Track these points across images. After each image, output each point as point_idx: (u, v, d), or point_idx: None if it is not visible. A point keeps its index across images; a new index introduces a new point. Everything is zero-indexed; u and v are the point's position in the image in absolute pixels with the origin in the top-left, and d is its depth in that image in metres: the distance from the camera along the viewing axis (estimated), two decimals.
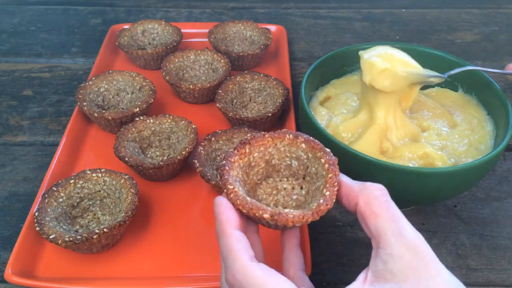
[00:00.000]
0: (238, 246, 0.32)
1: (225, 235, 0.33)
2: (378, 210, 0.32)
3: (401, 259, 0.30)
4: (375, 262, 0.31)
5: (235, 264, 0.31)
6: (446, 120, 0.55)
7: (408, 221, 0.32)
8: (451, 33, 0.88)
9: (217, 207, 0.34)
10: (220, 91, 0.65)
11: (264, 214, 0.33)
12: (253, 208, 0.33)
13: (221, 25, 0.78)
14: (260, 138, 0.38)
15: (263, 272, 0.31)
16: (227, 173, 0.36)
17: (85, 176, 0.52)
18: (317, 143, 0.37)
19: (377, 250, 0.32)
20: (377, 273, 0.31)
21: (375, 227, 0.32)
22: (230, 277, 0.32)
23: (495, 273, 0.49)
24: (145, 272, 0.48)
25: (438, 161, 0.48)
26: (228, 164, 0.36)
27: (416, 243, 0.31)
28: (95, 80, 0.65)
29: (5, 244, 0.51)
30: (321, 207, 0.33)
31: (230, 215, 0.34)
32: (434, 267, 0.30)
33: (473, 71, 0.56)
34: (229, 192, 0.34)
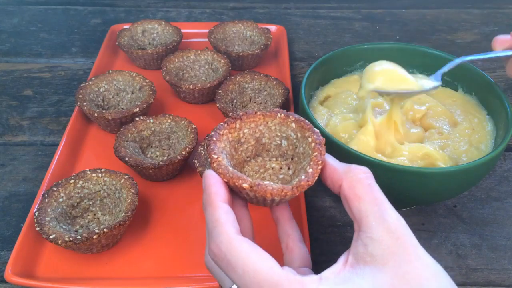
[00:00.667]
0: (225, 218, 0.32)
1: (213, 206, 0.33)
2: (361, 193, 0.32)
3: (381, 242, 0.30)
4: (356, 245, 0.31)
5: (221, 236, 0.31)
6: (447, 119, 0.55)
7: (391, 205, 0.32)
8: (451, 33, 0.88)
9: (207, 179, 0.34)
10: (220, 91, 0.65)
11: (244, 184, 0.33)
12: (233, 177, 0.33)
13: (221, 25, 0.78)
14: (251, 115, 0.38)
15: (248, 246, 0.31)
16: (213, 143, 0.36)
17: (85, 176, 0.52)
18: (307, 123, 0.37)
19: (359, 232, 0.32)
20: (357, 256, 0.31)
21: (358, 209, 0.32)
22: (214, 248, 0.31)
23: (495, 273, 0.49)
24: (145, 272, 0.48)
25: (440, 161, 0.48)
26: (216, 135, 0.36)
27: (397, 227, 0.31)
28: (95, 80, 0.65)
29: (5, 244, 0.51)
30: (302, 183, 0.33)
31: (220, 189, 0.34)
32: (413, 252, 0.30)
33: (473, 71, 0.56)
34: (212, 161, 0.34)
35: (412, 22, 0.92)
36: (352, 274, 0.30)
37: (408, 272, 0.29)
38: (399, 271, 0.29)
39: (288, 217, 0.38)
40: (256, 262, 0.30)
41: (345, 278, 0.30)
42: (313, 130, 0.36)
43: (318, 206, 0.56)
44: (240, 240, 0.31)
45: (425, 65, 0.60)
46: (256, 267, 0.30)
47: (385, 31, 0.89)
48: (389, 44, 0.61)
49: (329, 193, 0.57)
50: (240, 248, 0.31)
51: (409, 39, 0.86)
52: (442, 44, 0.85)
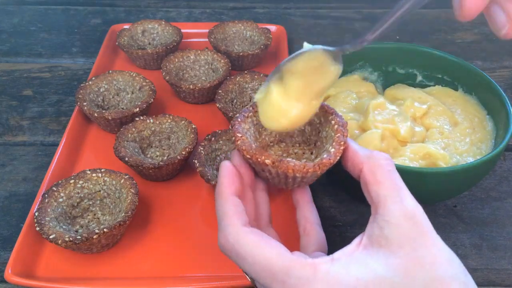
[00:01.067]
0: (233, 210, 0.33)
1: (223, 198, 0.34)
2: (382, 178, 0.32)
3: (398, 226, 0.30)
4: (371, 227, 0.32)
5: (229, 228, 0.32)
6: (448, 118, 0.55)
7: (409, 193, 0.32)
8: (451, 33, 0.88)
9: (221, 170, 0.35)
10: (220, 91, 0.65)
11: (266, 160, 0.33)
12: (256, 153, 0.34)
13: (221, 25, 0.78)
14: None
15: (255, 237, 0.31)
16: (238, 124, 0.36)
17: (85, 176, 0.52)
18: (330, 107, 0.37)
19: (375, 215, 0.32)
20: (372, 238, 0.31)
21: (376, 194, 0.32)
22: (223, 240, 0.32)
23: (495, 273, 0.49)
24: (145, 272, 0.48)
25: (441, 161, 0.48)
26: (241, 117, 0.37)
27: (415, 213, 0.31)
28: (95, 80, 0.65)
29: (5, 244, 0.51)
30: (324, 160, 0.33)
31: (232, 181, 0.34)
32: (430, 238, 0.30)
33: (473, 71, 0.56)
34: (237, 139, 0.35)
35: (412, 22, 0.92)
36: (365, 256, 0.31)
37: (424, 257, 0.29)
38: (414, 255, 0.29)
39: (308, 200, 0.38)
40: (265, 250, 0.31)
41: (358, 259, 0.31)
42: (336, 114, 0.37)
43: (318, 206, 0.56)
44: (247, 231, 0.32)
45: (425, 65, 0.60)
46: (266, 255, 0.30)
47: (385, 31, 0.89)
48: (389, 44, 0.61)
49: (329, 193, 0.57)
50: (248, 239, 0.31)
51: (409, 39, 0.86)
52: (442, 44, 0.85)
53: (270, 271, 0.30)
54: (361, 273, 0.29)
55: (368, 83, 0.61)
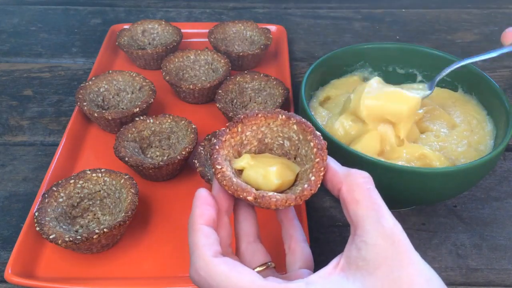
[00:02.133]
0: (203, 242, 0.32)
1: (193, 229, 0.33)
2: (360, 197, 0.32)
3: (375, 246, 0.30)
4: (349, 249, 0.31)
5: (199, 260, 0.32)
6: (445, 121, 0.55)
7: (388, 211, 0.32)
8: (451, 33, 0.88)
9: (195, 199, 0.35)
10: (220, 91, 0.65)
11: (248, 197, 0.33)
12: (237, 189, 0.34)
13: (221, 25, 0.78)
14: (253, 117, 0.38)
15: (227, 267, 0.31)
16: (216, 152, 0.36)
17: (85, 176, 0.52)
18: (308, 125, 0.37)
19: (354, 236, 0.31)
20: (349, 260, 0.31)
21: (355, 213, 0.32)
22: (194, 274, 0.32)
23: (495, 273, 0.49)
24: (145, 272, 0.48)
25: (436, 162, 0.48)
26: (218, 143, 0.37)
27: (393, 232, 0.30)
28: (95, 80, 0.65)
29: (5, 244, 0.51)
30: (305, 192, 0.33)
31: (204, 210, 0.34)
32: (408, 257, 0.30)
33: (473, 71, 0.56)
34: (216, 172, 0.35)
35: (412, 22, 0.92)
36: (342, 278, 0.30)
37: (400, 277, 0.29)
38: (391, 275, 0.29)
39: (291, 218, 0.38)
40: (237, 280, 0.30)
41: (334, 282, 0.30)
42: (315, 134, 0.36)
43: (318, 206, 0.56)
44: (218, 262, 0.31)
45: (425, 65, 0.60)
46: (238, 285, 0.30)
47: (385, 31, 0.89)
48: (389, 44, 0.61)
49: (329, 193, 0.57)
50: (219, 270, 0.31)
51: (409, 39, 0.86)
52: (442, 44, 0.85)
53: None
54: None
55: None
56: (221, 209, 0.35)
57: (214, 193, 0.36)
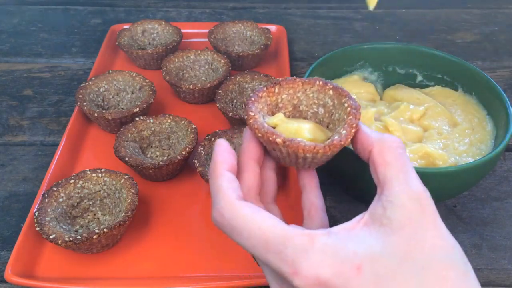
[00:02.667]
0: (227, 185, 0.32)
1: (216, 174, 0.33)
2: (390, 159, 0.32)
3: (401, 207, 0.30)
4: (374, 207, 0.31)
5: (222, 202, 0.31)
6: (446, 119, 0.55)
7: (417, 177, 0.32)
8: (451, 33, 0.88)
9: (216, 147, 0.34)
10: (220, 91, 0.65)
11: (277, 139, 0.33)
12: (268, 132, 0.34)
13: (221, 25, 0.78)
14: (290, 81, 0.38)
15: (251, 210, 0.31)
16: (251, 103, 0.36)
17: (85, 176, 0.52)
18: (344, 90, 0.37)
19: (380, 196, 0.31)
20: (374, 217, 0.30)
21: (384, 175, 0.32)
22: (217, 215, 0.32)
23: (495, 273, 0.49)
24: (145, 272, 0.48)
25: (439, 160, 0.48)
26: (254, 96, 0.37)
27: (420, 195, 0.30)
28: (95, 80, 0.65)
29: (5, 244, 0.51)
30: (334, 142, 0.33)
31: (227, 157, 0.34)
32: (433, 221, 0.30)
33: (473, 71, 0.56)
34: (249, 118, 0.35)
35: (412, 22, 0.92)
36: (364, 232, 0.30)
37: (424, 240, 0.29)
38: (414, 236, 0.29)
39: (315, 185, 0.38)
40: (260, 222, 0.30)
41: (356, 234, 0.30)
42: (350, 96, 0.37)
43: None
44: (242, 204, 0.31)
45: (425, 65, 0.60)
46: (261, 226, 0.30)
47: (385, 31, 0.89)
48: (389, 44, 0.61)
49: (329, 193, 0.57)
50: (242, 212, 0.31)
51: (409, 39, 0.86)
52: (442, 44, 0.85)
53: (266, 242, 0.29)
54: (359, 248, 0.29)
55: (368, 84, 0.61)
56: (252, 157, 0.35)
57: (245, 142, 0.36)
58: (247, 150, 0.36)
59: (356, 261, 0.28)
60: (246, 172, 0.35)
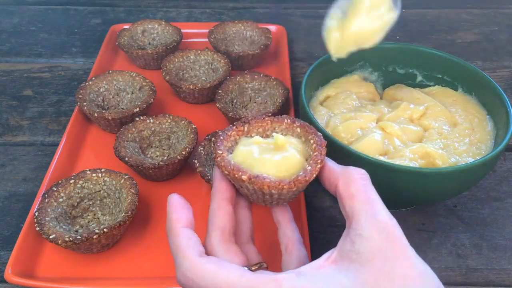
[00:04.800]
0: (186, 243, 0.32)
1: (173, 233, 0.33)
2: (355, 191, 0.32)
3: (369, 239, 0.30)
4: (343, 242, 0.31)
5: (184, 262, 0.31)
6: (446, 119, 0.55)
7: (384, 206, 0.32)
8: (451, 33, 0.88)
9: (168, 204, 0.35)
10: (220, 91, 0.65)
11: (243, 176, 0.34)
12: (234, 169, 0.34)
13: (221, 25, 0.78)
14: (260, 120, 0.39)
15: (213, 265, 0.31)
16: (220, 142, 0.37)
17: (85, 176, 0.52)
18: (311, 127, 0.38)
19: (348, 230, 0.31)
20: (343, 253, 0.31)
21: (350, 208, 0.32)
22: (181, 277, 0.31)
23: (495, 273, 0.49)
24: (145, 272, 0.48)
25: (439, 160, 0.48)
26: (223, 135, 0.38)
27: (387, 225, 0.30)
28: (95, 80, 0.65)
29: (5, 244, 0.51)
30: (299, 178, 0.34)
31: (181, 213, 0.34)
32: (402, 251, 0.30)
33: (473, 71, 0.56)
34: (216, 156, 0.36)
35: (412, 22, 0.92)
36: (334, 271, 0.30)
37: (394, 270, 0.29)
38: (384, 268, 0.29)
39: (288, 219, 0.38)
40: (225, 276, 0.30)
41: (325, 274, 0.30)
42: (316, 133, 0.37)
43: (318, 206, 0.56)
44: (203, 261, 0.31)
45: (425, 65, 0.60)
46: (227, 280, 0.30)
47: None
48: (389, 44, 0.61)
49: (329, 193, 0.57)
50: (205, 269, 0.30)
51: (409, 39, 0.86)
52: (442, 44, 0.85)
53: None
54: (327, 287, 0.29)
55: (368, 84, 0.61)
56: (224, 197, 0.35)
57: (216, 181, 0.36)
58: (218, 190, 0.36)
59: None
60: (218, 214, 0.35)
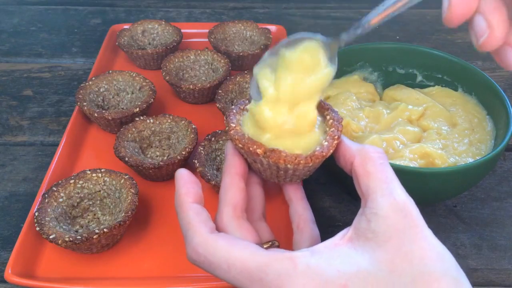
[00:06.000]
0: (196, 219, 0.31)
1: (183, 208, 0.32)
2: (372, 169, 0.32)
3: (386, 219, 0.29)
4: (359, 220, 0.30)
5: (195, 238, 0.30)
6: (446, 119, 0.55)
7: (401, 186, 0.31)
8: (451, 33, 0.88)
9: (177, 179, 0.33)
10: (220, 91, 0.65)
11: (258, 149, 0.32)
12: (248, 142, 0.33)
13: (221, 25, 0.78)
14: None
15: (225, 241, 0.30)
16: (233, 115, 0.36)
17: (85, 176, 0.52)
18: (326, 103, 0.37)
19: (364, 209, 0.31)
20: (358, 231, 0.30)
21: (366, 186, 0.31)
22: (192, 253, 0.31)
23: (495, 273, 0.49)
24: (145, 272, 0.48)
25: (438, 160, 0.48)
26: (236, 108, 0.36)
27: (405, 205, 0.29)
28: (95, 80, 0.65)
29: (5, 244, 0.51)
30: (316, 153, 0.33)
31: (190, 188, 0.33)
32: (420, 231, 0.29)
33: (473, 71, 0.56)
34: (230, 129, 0.34)
35: (412, 22, 0.92)
36: (349, 249, 0.29)
37: (412, 251, 0.28)
38: (402, 248, 0.28)
39: (301, 196, 0.37)
40: (238, 253, 0.29)
41: (340, 252, 0.29)
42: (332, 109, 0.36)
43: (318, 206, 0.56)
44: (215, 237, 0.30)
45: (425, 65, 0.60)
46: (240, 257, 0.29)
47: (385, 31, 0.89)
48: (389, 44, 0.61)
49: (329, 193, 0.57)
50: (218, 245, 0.30)
51: (409, 39, 0.86)
52: (442, 44, 0.85)
53: (247, 272, 0.28)
54: (344, 267, 0.28)
55: (368, 84, 0.61)
56: (236, 172, 0.35)
57: (228, 156, 0.35)
58: (231, 165, 0.35)
59: (341, 281, 0.27)
60: (230, 190, 0.34)
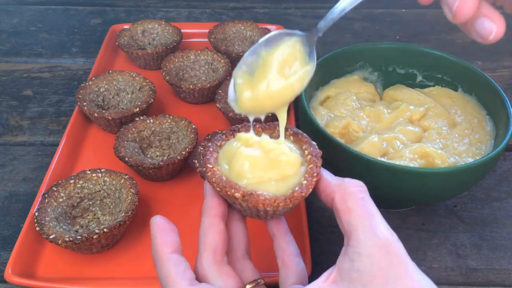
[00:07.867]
0: (175, 271, 0.31)
1: (161, 260, 0.32)
2: (353, 206, 0.31)
3: (369, 257, 0.29)
4: (342, 260, 0.30)
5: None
6: (446, 119, 0.55)
7: (383, 220, 0.30)
8: (451, 33, 0.88)
9: (153, 228, 0.33)
10: (220, 91, 0.65)
11: (236, 193, 0.32)
12: (226, 186, 0.32)
13: (221, 25, 0.78)
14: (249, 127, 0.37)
15: None
16: (209, 153, 0.35)
17: (85, 176, 0.52)
18: (304, 136, 0.36)
19: (347, 247, 0.30)
20: (342, 272, 0.29)
21: (348, 223, 0.31)
22: None
23: (495, 273, 0.49)
24: (145, 272, 0.48)
25: (438, 160, 0.48)
26: (213, 146, 0.36)
27: (388, 241, 0.29)
28: (95, 80, 0.65)
29: (5, 244, 0.51)
30: (295, 194, 0.32)
31: (167, 237, 0.32)
32: (404, 268, 0.29)
33: (473, 71, 0.56)
34: (207, 170, 0.34)
35: (412, 22, 0.92)
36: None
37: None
38: (386, 286, 0.28)
39: (284, 231, 0.37)
40: None
41: None
42: (310, 143, 0.36)
43: (318, 206, 0.56)
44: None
45: (425, 65, 0.60)
46: None
47: (385, 31, 0.89)
48: (389, 44, 0.61)
49: None
50: None
51: (409, 39, 0.86)
52: (442, 44, 0.85)
53: None
54: None
55: (368, 84, 0.61)
56: (215, 214, 0.34)
57: (207, 197, 0.35)
58: (210, 206, 0.34)
59: None
60: (210, 233, 0.34)
